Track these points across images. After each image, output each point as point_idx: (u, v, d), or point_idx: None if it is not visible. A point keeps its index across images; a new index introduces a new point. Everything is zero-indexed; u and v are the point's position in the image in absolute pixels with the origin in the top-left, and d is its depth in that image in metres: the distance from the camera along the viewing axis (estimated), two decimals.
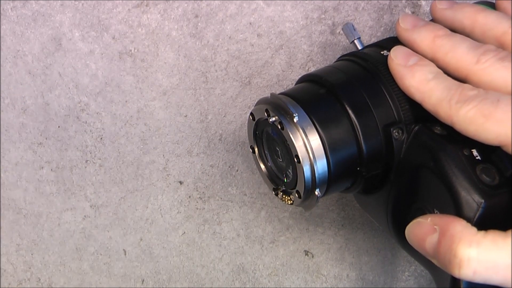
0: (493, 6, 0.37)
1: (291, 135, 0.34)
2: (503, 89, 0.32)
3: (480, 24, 0.35)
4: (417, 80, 0.34)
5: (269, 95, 0.36)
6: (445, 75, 0.34)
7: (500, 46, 0.33)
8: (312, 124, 0.35)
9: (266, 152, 0.39)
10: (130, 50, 0.47)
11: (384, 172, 0.36)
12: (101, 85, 0.48)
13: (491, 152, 0.32)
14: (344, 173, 0.36)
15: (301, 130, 0.34)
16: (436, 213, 0.33)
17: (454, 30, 0.35)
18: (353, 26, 0.40)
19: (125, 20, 0.46)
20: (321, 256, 0.53)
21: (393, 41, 0.37)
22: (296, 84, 0.39)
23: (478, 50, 0.33)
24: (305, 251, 0.53)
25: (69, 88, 0.48)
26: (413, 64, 0.34)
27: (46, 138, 0.49)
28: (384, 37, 0.41)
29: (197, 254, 0.53)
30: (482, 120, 0.31)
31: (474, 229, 0.30)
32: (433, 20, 0.37)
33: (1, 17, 0.46)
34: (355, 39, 0.40)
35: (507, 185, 0.31)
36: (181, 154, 0.50)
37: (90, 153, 0.50)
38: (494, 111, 0.30)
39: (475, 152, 0.32)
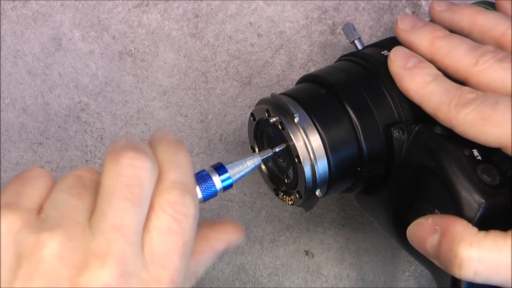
0: (493, 6, 0.37)
1: (291, 136, 0.35)
2: (502, 91, 0.31)
3: (478, 26, 0.34)
4: (416, 82, 0.34)
5: (270, 95, 0.36)
6: (444, 78, 0.33)
7: (499, 47, 0.33)
8: (312, 125, 0.35)
9: None
10: (130, 50, 0.47)
11: (384, 172, 0.36)
12: (101, 85, 0.48)
13: (492, 152, 0.32)
14: (344, 173, 0.36)
15: (301, 131, 0.34)
16: (437, 213, 0.33)
17: (453, 31, 0.35)
18: (353, 26, 0.40)
19: (125, 20, 0.46)
20: (321, 256, 0.53)
21: (394, 41, 0.37)
22: (296, 84, 0.39)
23: (477, 51, 0.33)
24: (305, 251, 0.53)
25: (69, 88, 0.48)
26: (412, 66, 0.34)
27: (46, 138, 0.49)
28: (384, 37, 0.41)
29: None
30: (481, 123, 0.31)
31: (475, 229, 0.30)
32: (432, 22, 0.37)
33: (1, 17, 0.46)
34: (355, 39, 0.40)
35: (508, 185, 0.31)
36: None
37: (90, 153, 0.49)
38: (492, 114, 0.30)
39: (475, 152, 0.32)
